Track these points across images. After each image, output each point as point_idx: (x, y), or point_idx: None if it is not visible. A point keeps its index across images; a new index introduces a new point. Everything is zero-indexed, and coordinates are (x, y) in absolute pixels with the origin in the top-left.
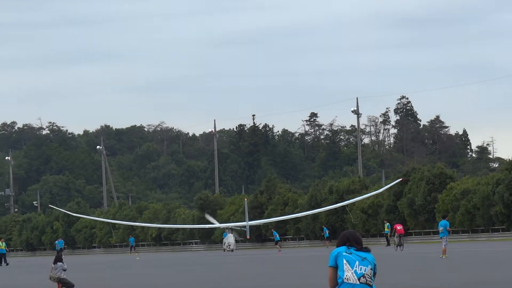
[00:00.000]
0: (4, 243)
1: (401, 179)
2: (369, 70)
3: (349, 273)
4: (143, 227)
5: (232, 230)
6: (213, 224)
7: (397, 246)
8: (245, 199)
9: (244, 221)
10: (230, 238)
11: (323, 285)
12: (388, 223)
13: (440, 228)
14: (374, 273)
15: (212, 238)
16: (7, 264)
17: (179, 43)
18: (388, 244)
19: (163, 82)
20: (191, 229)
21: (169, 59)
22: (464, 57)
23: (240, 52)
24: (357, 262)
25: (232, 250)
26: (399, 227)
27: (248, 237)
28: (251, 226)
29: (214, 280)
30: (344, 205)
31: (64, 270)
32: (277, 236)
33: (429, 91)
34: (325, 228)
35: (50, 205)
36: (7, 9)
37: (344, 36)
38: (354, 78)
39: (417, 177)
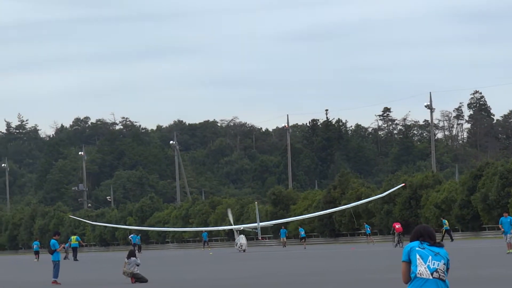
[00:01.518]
0: (77, 237)
1: (403, 184)
2: (442, 65)
3: (422, 268)
4: (216, 221)
5: (243, 231)
6: (231, 222)
7: (396, 244)
8: (256, 202)
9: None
10: (242, 239)
11: (397, 280)
12: (445, 220)
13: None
14: (447, 268)
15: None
16: (74, 259)
17: (253, 37)
18: (451, 239)
19: (236, 76)
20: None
21: (242, 54)
22: None
23: (313, 46)
24: (430, 257)
25: (244, 251)
26: (397, 225)
27: (260, 238)
28: (324, 221)
29: (289, 274)
30: (417, 200)
31: (138, 265)
32: (303, 233)
33: (502, 86)
34: (366, 225)
35: (70, 216)
36: (81, 6)
37: (418, 30)
38: (428, 72)
39: (490, 172)
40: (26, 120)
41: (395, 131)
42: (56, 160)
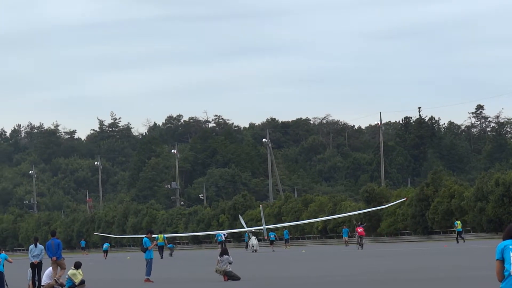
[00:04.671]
0: (163, 235)
1: (405, 198)
2: None
3: None
4: (308, 218)
5: (253, 233)
6: (243, 226)
7: (358, 246)
8: (261, 205)
9: None
10: (253, 240)
11: (490, 277)
12: (458, 221)
13: None
14: None
15: (378, 230)
16: (162, 257)
17: (345, 35)
18: (457, 242)
19: (329, 74)
20: (356, 220)
21: (334, 52)
22: None
23: (406, 44)
24: None
25: (255, 251)
26: (359, 229)
27: (266, 237)
28: (417, 219)
29: (381, 271)
30: (511, 198)
31: (230, 263)
32: (286, 235)
33: None
34: (345, 229)
35: (96, 233)
36: (175, 4)
37: (510, 27)
38: None
39: None
40: (119, 118)
41: (488, 129)
42: (149, 158)
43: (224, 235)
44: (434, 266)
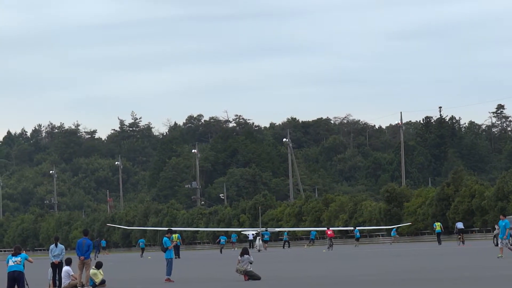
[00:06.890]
0: (178, 235)
1: (410, 223)
2: None
3: None
4: (329, 218)
5: (258, 234)
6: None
7: (328, 247)
8: (259, 207)
9: None
10: (257, 241)
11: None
12: (435, 223)
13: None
14: None
15: (398, 230)
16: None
17: (365, 35)
18: (439, 243)
19: (349, 74)
20: (377, 220)
21: (355, 52)
22: None
23: (426, 44)
24: None
25: (259, 251)
26: (329, 231)
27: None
28: (437, 218)
29: (403, 270)
30: None
31: (251, 263)
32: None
33: None
34: (356, 229)
35: (108, 224)
36: (197, 3)
37: None
38: None
39: None
40: (140, 118)
41: (509, 128)
42: (169, 157)
43: (252, 234)
44: (444, 266)
